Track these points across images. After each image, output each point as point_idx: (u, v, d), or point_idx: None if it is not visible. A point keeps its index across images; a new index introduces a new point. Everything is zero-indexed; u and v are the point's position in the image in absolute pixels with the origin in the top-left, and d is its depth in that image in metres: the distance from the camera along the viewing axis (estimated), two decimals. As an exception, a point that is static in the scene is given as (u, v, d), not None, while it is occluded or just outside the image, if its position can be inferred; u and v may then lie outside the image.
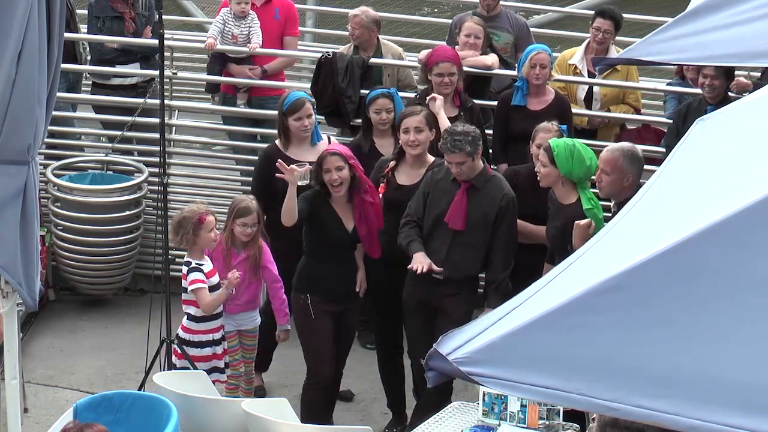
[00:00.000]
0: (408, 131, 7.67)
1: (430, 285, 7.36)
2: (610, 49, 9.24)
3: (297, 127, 7.91)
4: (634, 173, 7.00)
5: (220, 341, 7.56)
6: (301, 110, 7.91)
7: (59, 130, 9.65)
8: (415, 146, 7.67)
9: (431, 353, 4.03)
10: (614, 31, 9.19)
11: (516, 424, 6.33)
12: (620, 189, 6.99)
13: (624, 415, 3.75)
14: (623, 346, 3.79)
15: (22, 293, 5.92)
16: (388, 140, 8.16)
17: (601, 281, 3.86)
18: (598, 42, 9.19)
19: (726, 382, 3.66)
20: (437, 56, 8.35)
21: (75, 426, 5.09)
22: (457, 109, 8.30)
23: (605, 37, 9.16)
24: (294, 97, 7.96)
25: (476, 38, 8.93)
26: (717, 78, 8.27)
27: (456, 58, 8.40)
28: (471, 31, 8.97)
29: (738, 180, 4.12)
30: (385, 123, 8.12)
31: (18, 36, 5.57)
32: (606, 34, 9.15)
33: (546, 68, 8.42)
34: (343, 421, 7.81)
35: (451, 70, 8.25)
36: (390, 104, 8.10)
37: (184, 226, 7.39)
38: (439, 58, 8.31)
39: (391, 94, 8.14)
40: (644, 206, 4.42)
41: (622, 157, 7.00)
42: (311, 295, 7.39)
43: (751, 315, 3.72)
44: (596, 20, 9.25)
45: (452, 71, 8.26)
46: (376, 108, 8.10)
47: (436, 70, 8.26)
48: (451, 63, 8.29)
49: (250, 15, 9.45)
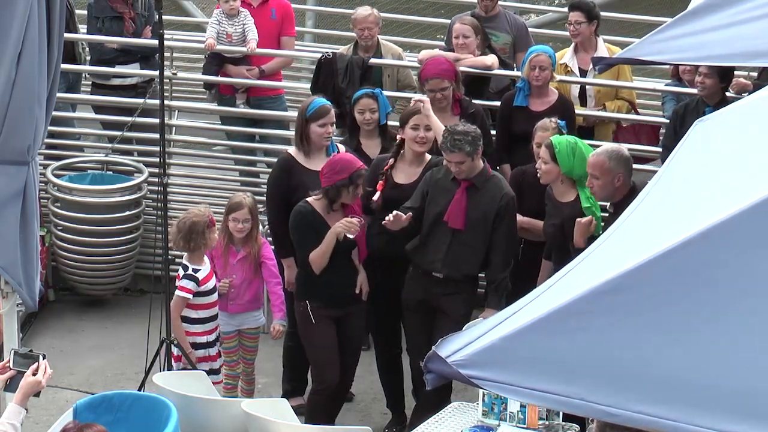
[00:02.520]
0: (417, 128, 7.66)
1: (429, 284, 7.37)
2: (598, 42, 9.23)
3: (320, 134, 7.71)
4: (623, 172, 7.02)
5: (213, 343, 7.55)
6: (326, 117, 7.74)
7: (59, 131, 9.65)
8: (423, 143, 7.67)
9: (430, 355, 4.02)
10: (586, 21, 9.15)
11: (516, 425, 6.33)
12: (613, 190, 7.02)
13: (624, 421, 3.73)
14: (623, 349, 3.78)
15: (22, 293, 5.94)
16: (374, 141, 8.12)
17: (600, 283, 3.85)
18: (573, 35, 9.22)
19: (727, 387, 3.64)
20: (427, 72, 8.25)
21: (75, 426, 5.09)
22: (456, 117, 8.13)
23: (577, 28, 9.16)
24: (319, 103, 7.79)
25: (464, 38, 8.91)
26: (710, 77, 8.26)
27: (447, 72, 8.20)
28: (458, 32, 8.96)
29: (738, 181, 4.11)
30: (369, 123, 8.06)
31: (18, 36, 5.58)
32: (578, 25, 9.15)
33: (546, 70, 8.42)
34: (343, 421, 7.80)
35: (441, 85, 8.11)
36: (374, 104, 8.04)
37: (196, 231, 7.35)
38: (429, 74, 8.20)
39: (375, 94, 8.07)
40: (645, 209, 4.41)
41: (607, 160, 7.02)
42: (311, 302, 7.37)
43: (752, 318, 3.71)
44: (569, 14, 9.30)
45: (443, 86, 8.11)
46: (359, 108, 8.04)
47: (428, 86, 8.16)
48: (440, 79, 8.13)
49: (242, 12, 9.45)
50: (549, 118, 7.88)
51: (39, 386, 5.18)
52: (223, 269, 7.63)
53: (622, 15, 11.55)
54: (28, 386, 5.16)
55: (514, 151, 8.46)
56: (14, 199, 5.80)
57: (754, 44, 6.76)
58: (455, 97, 8.21)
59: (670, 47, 7.16)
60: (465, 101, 8.31)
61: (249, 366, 7.90)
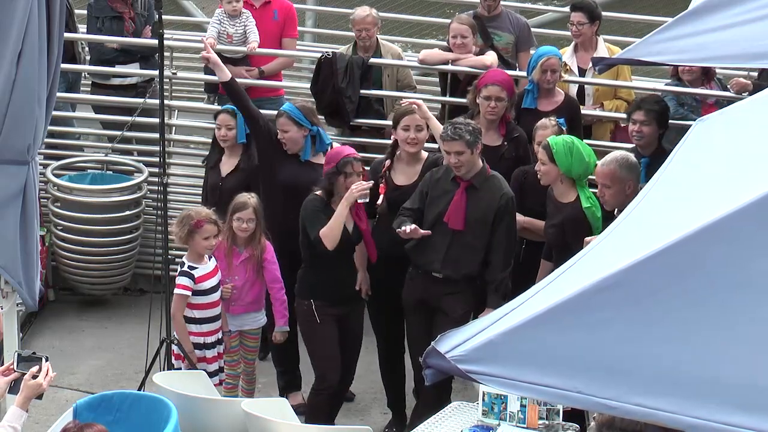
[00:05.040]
0: (408, 129, 7.66)
1: (429, 284, 7.37)
2: (597, 42, 9.23)
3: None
4: (633, 179, 7.01)
5: (214, 344, 7.55)
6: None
7: (59, 130, 9.65)
8: (414, 144, 7.67)
9: (429, 351, 4.03)
10: (589, 22, 9.15)
11: (516, 424, 6.33)
12: (624, 198, 6.95)
13: (623, 413, 3.75)
14: (621, 343, 3.80)
15: (22, 293, 5.94)
16: (231, 159, 8.27)
17: (599, 279, 3.87)
18: (575, 35, 9.20)
19: (725, 380, 3.67)
20: (487, 78, 8.03)
21: (75, 426, 5.09)
22: (501, 137, 7.99)
23: (580, 29, 9.15)
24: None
25: (462, 38, 8.88)
26: (647, 124, 7.79)
27: (508, 84, 8.03)
28: (456, 32, 8.93)
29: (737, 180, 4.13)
30: (224, 140, 8.19)
31: (18, 36, 5.58)
32: (580, 26, 9.14)
33: (557, 72, 8.40)
34: (343, 421, 7.81)
35: (499, 94, 7.91)
36: (231, 121, 8.15)
37: (183, 223, 7.40)
38: (489, 80, 7.98)
39: (234, 111, 8.13)
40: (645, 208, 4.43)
41: (618, 168, 7.00)
42: (315, 300, 7.38)
43: (749, 313, 3.73)
44: (571, 15, 9.28)
45: (500, 96, 7.91)
46: (217, 123, 8.22)
47: (485, 92, 7.93)
48: (500, 87, 7.93)
49: (244, 13, 9.43)
50: (549, 117, 7.88)
51: (40, 389, 5.19)
52: (226, 270, 7.63)
53: (623, 15, 11.55)
54: (29, 389, 5.17)
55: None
56: (14, 199, 5.80)
57: (754, 45, 6.77)
58: (505, 116, 8.01)
59: (670, 48, 7.16)
60: (512, 124, 8.10)
61: (250, 366, 7.91)
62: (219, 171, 8.29)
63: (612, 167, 7.01)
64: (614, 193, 7.01)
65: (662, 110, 7.91)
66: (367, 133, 9.13)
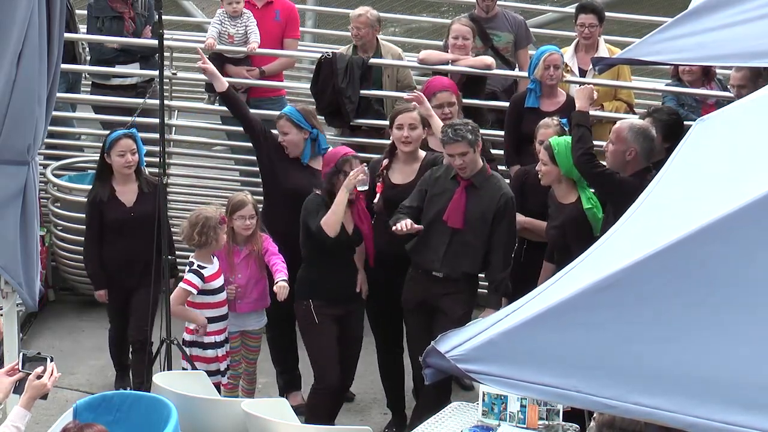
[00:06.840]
0: (402, 127, 7.66)
1: (428, 284, 7.37)
2: (599, 43, 9.23)
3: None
4: (637, 148, 6.97)
5: (222, 344, 7.56)
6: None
7: (59, 130, 9.65)
8: (407, 143, 7.67)
9: (429, 350, 4.04)
10: (598, 24, 9.15)
11: (516, 425, 6.33)
12: (623, 162, 6.96)
13: (622, 412, 3.75)
14: (621, 343, 3.80)
15: (22, 293, 5.94)
16: (130, 186, 7.97)
17: (599, 279, 3.87)
18: (585, 37, 9.19)
19: (725, 379, 3.67)
20: (434, 87, 8.11)
21: (75, 426, 5.09)
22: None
23: (591, 31, 9.15)
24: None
25: (464, 39, 8.89)
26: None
27: (453, 87, 8.16)
28: (458, 32, 8.94)
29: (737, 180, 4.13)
30: (130, 166, 7.92)
31: (18, 36, 5.59)
32: (591, 28, 9.14)
33: (559, 68, 8.40)
34: (343, 421, 7.81)
35: (450, 99, 8.00)
36: (134, 145, 7.90)
37: (209, 225, 7.38)
38: (437, 88, 8.07)
39: (134, 135, 7.94)
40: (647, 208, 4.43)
41: (627, 129, 7.00)
42: (313, 300, 7.39)
43: (749, 312, 3.74)
44: (579, 16, 9.25)
45: (451, 100, 8.00)
46: (120, 150, 7.88)
47: (435, 101, 7.96)
48: (449, 92, 8.04)
49: (246, 14, 9.44)
50: (551, 117, 7.87)
51: (45, 389, 5.20)
52: (228, 270, 7.63)
53: (624, 15, 11.55)
54: (33, 389, 5.18)
55: (524, 153, 8.44)
56: (14, 199, 5.81)
57: (754, 44, 6.76)
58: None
59: (670, 47, 7.15)
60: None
61: (251, 366, 7.92)
62: (119, 202, 7.95)
63: (623, 126, 7.06)
64: (614, 151, 7.03)
65: (672, 123, 7.69)
66: (366, 133, 9.13)
